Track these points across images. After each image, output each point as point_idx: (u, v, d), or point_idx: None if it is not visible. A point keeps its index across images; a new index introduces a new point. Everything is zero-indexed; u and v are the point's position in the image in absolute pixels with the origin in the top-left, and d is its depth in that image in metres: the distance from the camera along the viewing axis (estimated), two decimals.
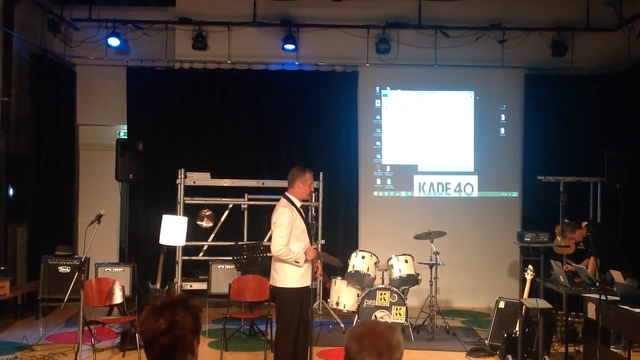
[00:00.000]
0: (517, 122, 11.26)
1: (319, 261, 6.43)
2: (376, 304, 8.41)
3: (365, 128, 11.26)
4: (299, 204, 6.21)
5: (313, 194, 6.34)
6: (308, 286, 6.14)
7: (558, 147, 10.96)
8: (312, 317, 6.34)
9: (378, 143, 11.29)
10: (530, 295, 7.28)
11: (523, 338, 7.10)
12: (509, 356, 7.23)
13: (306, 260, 6.04)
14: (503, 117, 11.33)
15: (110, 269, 9.10)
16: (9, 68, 9.71)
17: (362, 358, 2.44)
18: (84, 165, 11.65)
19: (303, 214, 6.23)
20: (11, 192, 9.88)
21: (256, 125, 11.15)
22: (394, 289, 8.47)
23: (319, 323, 8.97)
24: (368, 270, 8.73)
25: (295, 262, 6.00)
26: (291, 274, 6.08)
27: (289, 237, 6.00)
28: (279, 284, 6.13)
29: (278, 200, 10.34)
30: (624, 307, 6.13)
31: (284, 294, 6.11)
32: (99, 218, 6.99)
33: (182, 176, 9.87)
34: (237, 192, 10.28)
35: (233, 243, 9.30)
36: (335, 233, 10.96)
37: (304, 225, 6.15)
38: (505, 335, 7.40)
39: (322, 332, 8.56)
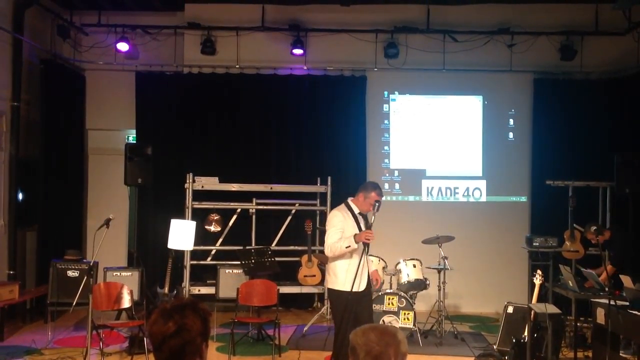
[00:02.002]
0: (526, 127, 11.22)
1: (378, 274, 6.62)
2: (384, 309, 8.40)
3: (374, 132, 11.26)
4: (357, 210, 6.40)
5: (372, 212, 6.37)
6: (358, 291, 6.13)
7: (567, 152, 10.91)
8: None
9: (386, 147, 11.28)
10: (539, 300, 7.24)
11: (532, 343, 7.06)
12: None
13: (357, 241, 6.15)
14: (512, 121, 11.30)
15: (118, 273, 9.11)
16: (18, 73, 9.78)
17: (369, 350, 2.43)
18: (93, 169, 11.69)
19: (361, 221, 6.40)
20: (20, 196, 9.93)
21: (264, 129, 11.16)
22: (402, 294, 8.45)
23: (327, 328, 8.96)
24: None
25: (347, 247, 6.13)
26: (340, 276, 6.24)
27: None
28: (329, 285, 6.37)
29: (285, 204, 10.43)
30: (634, 312, 6.10)
31: (331, 296, 6.39)
32: (107, 222, 7.02)
33: (191, 180, 9.91)
34: (245, 196, 10.33)
35: (241, 247, 9.33)
36: None
37: (355, 231, 6.27)
38: (514, 340, 7.36)
39: (330, 336, 8.53)
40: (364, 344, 2.45)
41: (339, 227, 6.26)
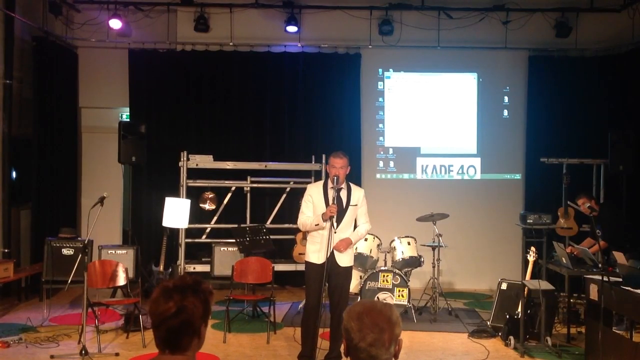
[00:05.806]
0: (521, 104, 11.21)
1: (343, 243, 6.38)
2: (379, 286, 8.44)
3: (368, 110, 11.22)
4: (330, 185, 6.39)
5: (335, 178, 6.30)
6: (318, 263, 6.29)
7: (561, 129, 10.91)
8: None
9: (381, 125, 11.26)
10: (533, 276, 7.30)
11: (525, 319, 7.13)
12: (511, 337, 7.27)
13: (324, 220, 6.23)
14: (506, 99, 11.29)
15: (113, 251, 9.11)
16: (10, 50, 9.69)
17: (363, 336, 2.43)
18: (86, 147, 11.62)
19: (332, 195, 6.31)
20: (14, 174, 9.90)
21: (259, 107, 11.10)
22: (397, 271, 8.49)
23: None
24: (371, 252, 8.76)
25: (316, 225, 6.28)
26: (308, 248, 6.45)
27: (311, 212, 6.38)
28: None
29: (280, 182, 10.41)
30: (627, 288, 6.14)
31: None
32: (102, 200, 7.00)
33: (185, 159, 9.88)
34: (239, 174, 10.31)
35: (236, 225, 9.34)
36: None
37: (322, 205, 6.32)
38: (508, 316, 7.43)
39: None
40: (359, 329, 2.45)
41: (308, 200, 6.42)
